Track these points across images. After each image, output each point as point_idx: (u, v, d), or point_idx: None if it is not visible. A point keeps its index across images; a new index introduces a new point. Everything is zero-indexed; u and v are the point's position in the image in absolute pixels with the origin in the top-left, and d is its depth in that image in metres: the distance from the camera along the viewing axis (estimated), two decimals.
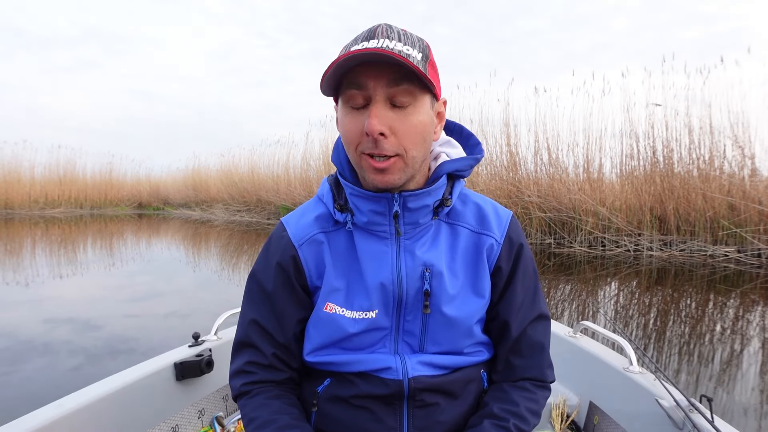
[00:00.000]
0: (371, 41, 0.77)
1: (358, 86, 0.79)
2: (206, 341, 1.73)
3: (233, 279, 6.44)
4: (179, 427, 1.51)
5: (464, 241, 0.95)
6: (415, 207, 0.89)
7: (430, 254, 0.92)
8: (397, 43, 0.77)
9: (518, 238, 0.98)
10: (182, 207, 25.69)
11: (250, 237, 12.11)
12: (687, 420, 1.21)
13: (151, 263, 8.03)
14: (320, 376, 0.96)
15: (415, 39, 0.82)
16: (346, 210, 0.93)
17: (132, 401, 1.36)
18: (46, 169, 25.44)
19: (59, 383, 2.90)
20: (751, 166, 8.28)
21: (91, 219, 19.41)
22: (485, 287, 0.95)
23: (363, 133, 0.80)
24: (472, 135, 1.01)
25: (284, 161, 19.06)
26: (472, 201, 1.00)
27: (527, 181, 10.28)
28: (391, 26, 0.81)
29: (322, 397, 0.95)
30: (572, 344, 1.83)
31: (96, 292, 5.61)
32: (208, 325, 1.82)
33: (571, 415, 1.72)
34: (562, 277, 6.43)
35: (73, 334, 3.89)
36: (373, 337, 0.93)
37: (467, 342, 0.95)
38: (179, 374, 1.54)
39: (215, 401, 1.69)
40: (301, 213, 0.99)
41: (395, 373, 0.90)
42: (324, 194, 0.98)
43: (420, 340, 0.93)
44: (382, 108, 0.79)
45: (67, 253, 8.92)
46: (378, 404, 0.91)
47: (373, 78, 0.78)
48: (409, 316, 0.92)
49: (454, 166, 0.92)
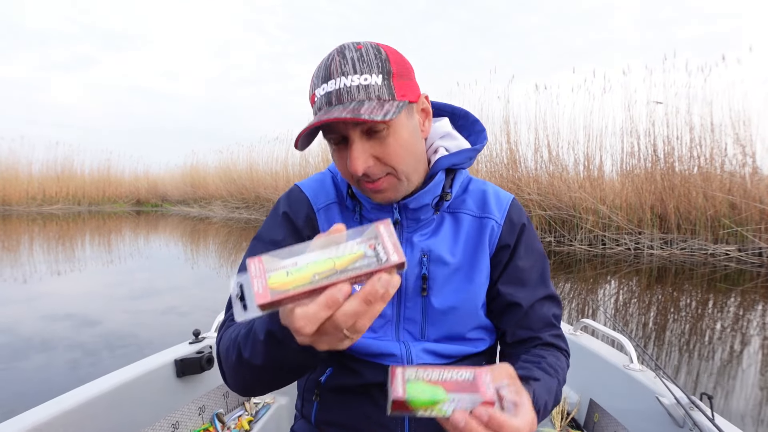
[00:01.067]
0: (329, 83, 0.79)
1: (332, 131, 0.81)
2: (207, 338, 1.72)
3: (232, 276, 6.37)
4: (180, 424, 1.51)
5: (467, 226, 0.96)
6: (415, 207, 0.91)
7: (429, 241, 0.93)
8: (353, 76, 0.78)
9: (519, 219, 0.99)
10: (180, 204, 25.67)
11: (249, 234, 12.10)
12: (687, 418, 1.20)
13: (149, 260, 8.04)
14: (322, 364, 0.96)
15: (372, 58, 0.80)
16: (356, 200, 0.95)
17: (132, 398, 1.35)
18: (44, 165, 25.54)
19: (57, 380, 2.89)
20: (752, 165, 8.29)
21: (89, 216, 19.45)
22: (484, 270, 0.95)
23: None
24: (478, 121, 1.01)
25: (283, 158, 19.09)
26: (473, 187, 1.00)
27: (527, 178, 10.26)
28: (344, 55, 0.80)
29: (325, 387, 0.95)
30: (572, 342, 1.83)
31: (94, 289, 5.61)
32: (206, 321, 1.82)
33: (571, 412, 1.72)
34: (563, 275, 6.42)
35: (72, 331, 3.87)
36: (375, 322, 0.92)
37: (469, 326, 0.95)
38: (180, 371, 1.54)
39: (216, 398, 1.69)
40: (320, 182, 1.01)
41: (399, 360, 0.90)
42: (338, 173, 1.00)
43: (421, 326, 0.93)
44: (360, 145, 0.80)
45: (65, 250, 8.93)
46: (380, 393, 0.91)
47: (342, 125, 0.79)
48: (410, 303, 0.92)
49: (451, 161, 0.92)
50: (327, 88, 0.79)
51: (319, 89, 0.80)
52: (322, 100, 0.79)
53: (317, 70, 0.82)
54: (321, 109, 0.79)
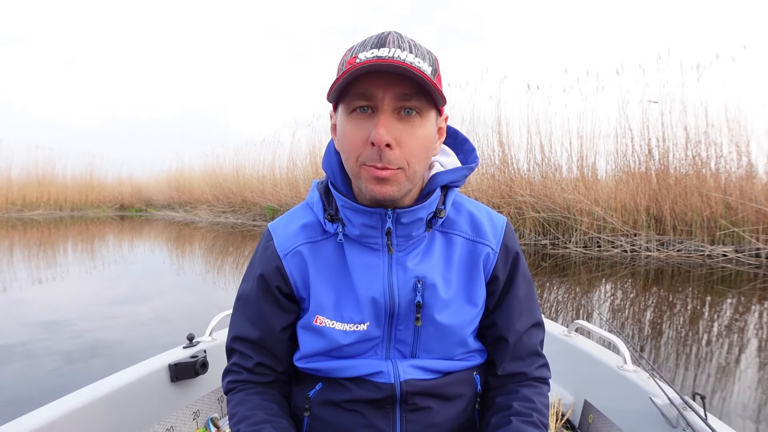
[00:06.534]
0: (381, 49, 0.76)
1: (365, 96, 0.78)
2: (201, 342, 1.72)
3: (218, 282, 6.41)
4: (174, 429, 1.52)
5: (459, 249, 0.95)
6: (408, 221, 0.88)
7: (422, 266, 0.91)
8: (409, 54, 0.76)
9: (514, 247, 0.99)
10: (165, 208, 25.26)
11: (236, 239, 11.96)
12: (681, 418, 1.21)
13: (134, 266, 7.91)
14: (311, 380, 0.96)
15: (425, 51, 0.81)
16: (337, 220, 0.91)
17: (126, 403, 1.36)
18: (24, 170, 25.13)
19: (39, 389, 2.79)
20: (747, 164, 8.28)
21: (71, 221, 19.17)
22: (479, 296, 0.95)
23: (366, 142, 0.79)
24: (467, 140, 1.00)
25: (270, 161, 18.83)
26: (465, 208, 0.99)
27: (520, 180, 10.15)
28: (402, 35, 0.80)
29: (314, 402, 0.95)
30: (567, 343, 1.85)
31: (78, 296, 5.51)
32: (192, 327, 1.81)
33: (566, 414, 1.73)
34: (558, 278, 6.34)
35: (53, 338, 3.74)
36: (364, 346, 0.93)
37: (459, 350, 0.96)
38: (174, 376, 1.54)
39: (210, 402, 1.69)
40: (287, 220, 0.99)
41: (387, 377, 0.90)
42: (314, 203, 0.97)
43: (412, 348, 0.94)
44: (390, 118, 0.78)
45: (47, 257, 8.75)
46: (370, 408, 0.91)
47: (383, 88, 0.77)
48: (401, 326, 0.92)
49: (447, 177, 0.91)
50: (379, 53, 0.75)
51: (366, 53, 0.76)
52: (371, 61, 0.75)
53: (364, 40, 0.80)
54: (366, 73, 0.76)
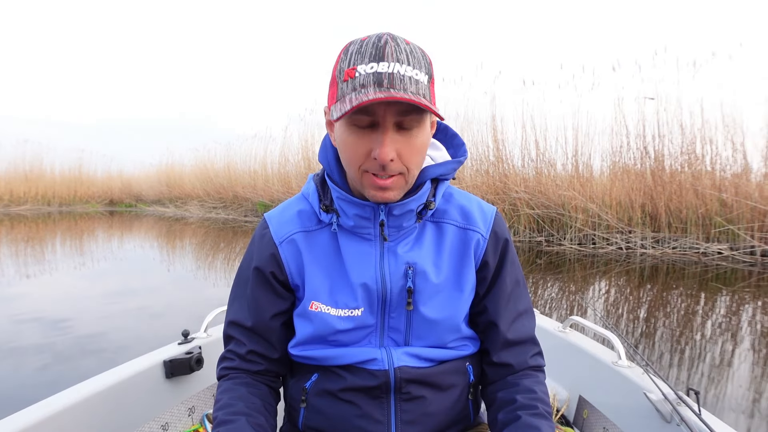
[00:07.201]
0: (381, 63, 0.78)
1: (367, 112, 0.79)
2: (196, 338, 1.71)
3: (210, 278, 6.35)
4: (169, 426, 1.51)
5: (451, 236, 0.97)
6: (400, 213, 0.91)
7: (412, 253, 0.94)
8: (407, 67, 0.78)
9: (503, 233, 1.01)
10: (155, 204, 25.06)
11: (227, 235, 11.87)
12: (675, 413, 1.21)
13: (124, 262, 7.81)
14: (307, 371, 0.98)
15: (420, 57, 0.82)
16: (332, 211, 0.95)
17: (121, 399, 1.36)
18: (11, 164, 24.85)
19: (37, 383, 2.78)
20: (742, 162, 8.28)
21: (59, 216, 18.98)
22: (470, 282, 0.97)
23: (368, 155, 0.82)
24: (457, 135, 1.03)
25: (261, 156, 18.70)
26: (456, 199, 1.02)
27: (514, 176, 10.11)
28: (397, 41, 0.80)
29: (311, 393, 0.97)
30: (561, 339, 1.86)
31: (67, 292, 5.44)
32: (184, 324, 1.80)
33: (560, 409, 1.74)
34: (552, 275, 6.32)
35: (41, 334, 3.67)
36: (358, 334, 0.94)
37: (452, 336, 0.97)
38: (169, 372, 1.53)
39: (205, 399, 1.68)
40: (283, 210, 1.02)
41: (381, 364, 0.92)
42: (309, 194, 0.99)
43: (405, 335, 0.96)
44: (391, 134, 0.80)
45: (35, 252, 8.65)
46: (365, 398, 0.93)
47: (384, 106, 0.79)
48: (394, 313, 0.94)
49: (437, 171, 0.95)
50: (379, 69, 0.78)
51: (365, 66, 0.78)
52: (370, 78, 0.77)
53: (361, 47, 0.80)
54: (365, 86, 0.77)
